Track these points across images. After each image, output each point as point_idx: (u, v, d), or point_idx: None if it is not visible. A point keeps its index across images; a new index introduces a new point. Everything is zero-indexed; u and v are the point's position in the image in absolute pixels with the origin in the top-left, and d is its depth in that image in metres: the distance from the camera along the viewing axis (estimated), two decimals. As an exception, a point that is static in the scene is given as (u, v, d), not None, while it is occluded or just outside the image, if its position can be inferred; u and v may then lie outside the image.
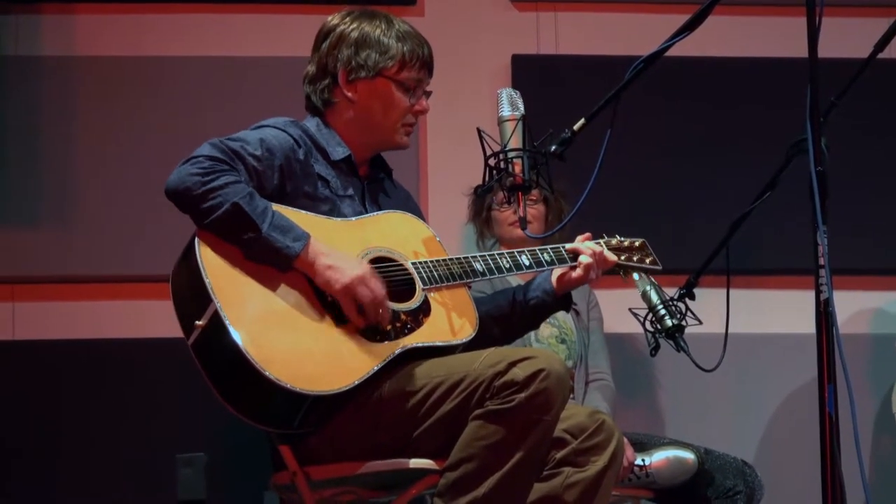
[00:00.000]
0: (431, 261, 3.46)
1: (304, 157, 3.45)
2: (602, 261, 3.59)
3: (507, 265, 3.54)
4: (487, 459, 3.08)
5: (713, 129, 5.34)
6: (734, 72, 5.40)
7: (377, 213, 3.54)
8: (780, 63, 5.28)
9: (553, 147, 3.39)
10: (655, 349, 3.89)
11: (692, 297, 4.01)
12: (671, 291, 3.92)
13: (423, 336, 3.32)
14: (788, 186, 3.64)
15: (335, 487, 3.38)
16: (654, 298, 3.80)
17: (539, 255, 3.58)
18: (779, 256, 5.23)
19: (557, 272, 3.61)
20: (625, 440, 3.98)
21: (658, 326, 3.81)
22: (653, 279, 3.82)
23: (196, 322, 3.15)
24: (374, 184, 3.65)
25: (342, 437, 3.25)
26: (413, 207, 3.71)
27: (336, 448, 3.26)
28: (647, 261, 3.79)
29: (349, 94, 3.53)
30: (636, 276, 3.78)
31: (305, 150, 3.46)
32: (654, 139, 5.30)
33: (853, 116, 4.25)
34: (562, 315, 4.63)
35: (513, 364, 3.09)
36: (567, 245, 3.61)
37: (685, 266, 4.11)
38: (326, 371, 3.15)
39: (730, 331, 3.82)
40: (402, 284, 3.40)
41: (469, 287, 3.51)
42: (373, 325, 3.26)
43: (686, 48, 3.50)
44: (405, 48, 3.53)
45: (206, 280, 3.15)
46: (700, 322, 3.86)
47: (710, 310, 3.90)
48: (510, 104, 3.46)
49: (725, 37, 5.35)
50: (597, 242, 3.69)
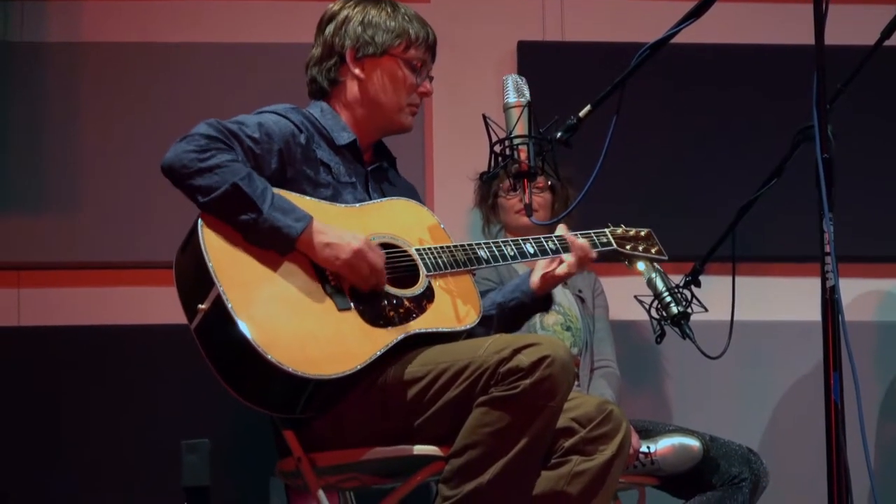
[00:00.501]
0: (435, 247, 3.45)
1: (306, 142, 3.44)
2: (585, 257, 3.60)
3: (512, 253, 3.54)
4: (492, 446, 3.07)
5: (719, 116, 5.32)
6: (740, 58, 5.38)
7: (381, 200, 3.54)
8: (787, 50, 5.26)
9: (559, 134, 3.39)
10: (661, 336, 3.90)
11: (698, 285, 4.02)
12: (677, 278, 3.92)
13: (427, 322, 3.31)
14: (795, 173, 3.63)
15: (340, 474, 3.38)
16: (660, 285, 3.80)
17: (544, 244, 3.58)
18: (785, 244, 5.20)
19: (541, 270, 3.60)
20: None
21: (664, 314, 3.82)
22: (658, 266, 3.82)
23: (199, 306, 3.15)
24: (378, 172, 3.65)
25: (346, 423, 3.25)
26: (417, 200, 3.69)
27: (340, 434, 3.26)
28: (653, 250, 3.79)
29: (356, 72, 3.55)
30: (641, 266, 3.78)
31: (307, 136, 3.46)
32: (660, 126, 5.28)
33: (860, 103, 4.24)
34: (567, 302, 4.63)
35: (518, 350, 3.08)
36: (557, 235, 3.60)
37: (691, 253, 4.12)
38: (329, 355, 3.14)
39: (735, 318, 3.82)
40: (406, 271, 3.39)
41: (473, 274, 3.51)
42: (376, 310, 3.26)
43: (692, 35, 3.50)
44: (411, 28, 3.57)
45: (209, 264, 3.14)
46: (706, 309, 3.87)
47: (716, 297, 3.89)
48: (516, 91, 3.45)
49: (731, 24, 5.32)
50: (601, 232, 3.69)
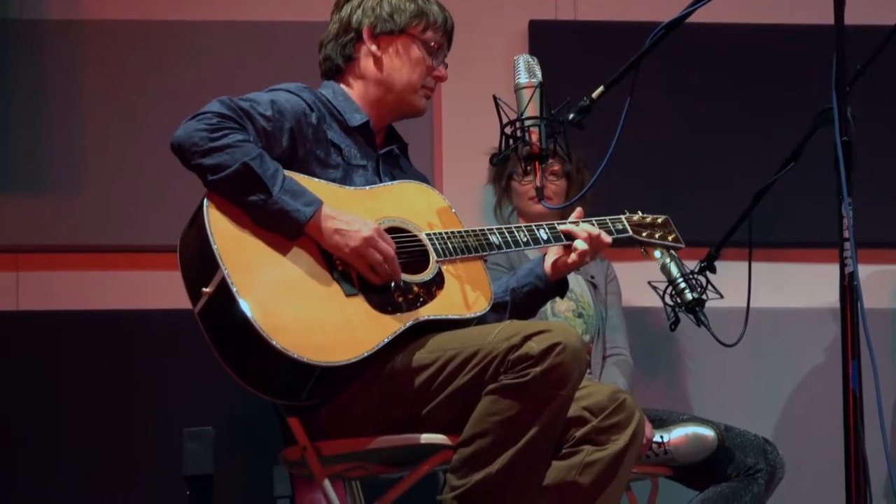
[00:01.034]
0: (446, 232, 3.42)
1: (317, 122, 3.42)
2: (598, 244, 3.52)
3: (525, 239, 3.50)
4: (501, 435, 3.04)
5: (735, 98, 5.31)
6: (758, 39, 5.37)
7: (391, 183, 3.51)
8: (806, 30, 5.25)
9: (571, 115, 3.38)
10: (675, 323, 3.92)
11: (713, 271, 4.04)
12: (691, 264, 3.95)
13: (436, 309, 3.28)
14: (813, 157, 3.61)
15: (346, 462, 3.35)
16: (675, 272, 3.82)
17: (557, 229, 3.53)
18: (802, 229, 5.19)
19: (553, 257, 3.55)
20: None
21: (678, 300, 3.85)
22: (673, 252, 3.80)
23: (203, 289, 3.12)
24: (390, 157, 3.62)
25: (353, 411, 3.22)
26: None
27: (347, 422, 3.23)
28: (670, 238, 3.76)
29: (373, 48, 3.54)
30: (657, 253, 3.75)
31: (318, 116, 3.43)
32: (675, 108, 5.28)
33: (880, 85, 4.19)
34: (579, 289, 4.61)
35: (528, 338, 3.04)
36: (565, 224, 3.54)
37: (706, 238, 4.12)
38: (336, 342, 3.11)
39: (751, 305, 3.84)
40: (416, 256, 3.36)
41: (485, 260, 3.47)
42: (384, 297, 3.23)
43: (708, 15, 3.48)
44: (431, 11, 3.57)
45: (214, 246, 3.11)
46: (721, 296, 3.89)
47: (732, 283, 3.91)
48: (527, 71, 3.43)
49: (748, 3, 5.32)
50: (617, 218, 3.66)
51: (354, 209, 3.29)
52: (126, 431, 4.87)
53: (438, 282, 3.32)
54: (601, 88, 3.36)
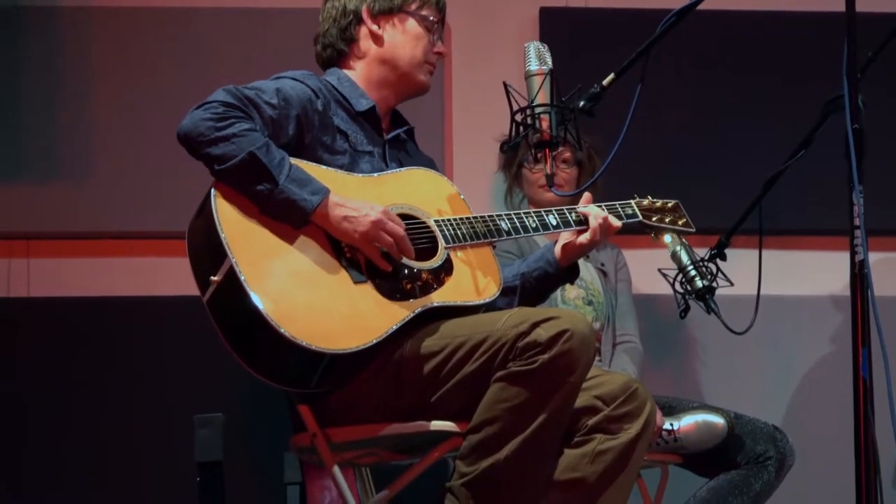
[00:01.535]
0: (455, 218, 3.42)
1: (323, 109, 3.42)
2: (608, 228, 3.52)
3: (534, 224, 3.50)
4: (510, 422, 3.05)
5: (746, 85, 5.27)
6: (769, 26, 5.33)
7: (399, 170, 3.51)
8: (817, 17, 5.21)
9: (581, 103, 3.37)
10: (685, 311, 3.91)
11: (723, 258, 4.03)
12: (702, 252, 3.93)
13: (445, 295, 3.28)
14: (824, 144, 3.59)
15: (356, 449, 3.36)
16: (685, 259, 3.81)
17: (567, 215, 3.53)
18: (813, 216, 5.16)
19: (562, 241, 3.55)
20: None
21: (688, 287, 3.84)
22: (684, 239, 3.80)
23: (211, 277, 3.12)
24: (396, 143, 3.62)
25: (362, 398, 3.23)
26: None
27: (356, 409, 3.24)
28: (680, 223, 3.76)
29: (374, 28, 3.55)
30: (667, 238, 3.74)
31: (324, 102, 3.43)
32: (686, 96, 5.25)
33: (891, 72, 4.18)
34: (589, 276, 4.60)
35: (536, 324, 3.04)
36: (578, 208, 3.54)
37: (717, 226, 4.10)
38: (344, 329, 3.11)
39: (762, 292, 3.84)
40: (425, 242, 3.36)
41: (493, 246, 3.47)
42: (393, 283, 3.23)
43: (720, 1, 3.46)
44: None
45: (222, 235, 3.11)
46: (731, 283, 3.88)
47: (742, 271, 3.89)
48: (538, 58, 3.43)
49: (760, -10, 5.28)
50: (626, 203, 3.66)
51: (362, 196, 3.28)
52: (136, 417, 4.87)
53: (447, 268, 3.32)
54: (612, 76, 3.35)
